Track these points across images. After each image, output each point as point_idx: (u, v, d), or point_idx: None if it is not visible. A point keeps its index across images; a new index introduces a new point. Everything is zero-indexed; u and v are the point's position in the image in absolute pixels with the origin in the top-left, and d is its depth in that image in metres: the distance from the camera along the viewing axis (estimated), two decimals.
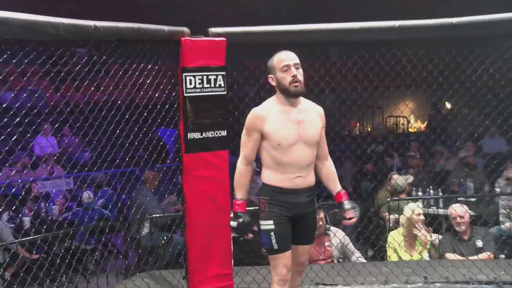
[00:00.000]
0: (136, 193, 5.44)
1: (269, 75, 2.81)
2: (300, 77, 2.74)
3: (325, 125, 2.90)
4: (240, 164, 2.83)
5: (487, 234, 4.68)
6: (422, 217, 4.71)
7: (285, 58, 2.75)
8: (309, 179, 2.82)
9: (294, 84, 2.72)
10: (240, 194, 2.82)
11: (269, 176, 2.81)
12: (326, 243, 4.55)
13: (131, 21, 3.19)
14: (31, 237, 4.50)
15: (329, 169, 2.95)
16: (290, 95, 2.75)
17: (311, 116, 2.81)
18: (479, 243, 4.49)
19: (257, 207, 2.88)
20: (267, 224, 2.77)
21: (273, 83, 2.80)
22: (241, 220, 2.79)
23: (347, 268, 4.06)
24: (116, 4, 10.25)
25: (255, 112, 2.79)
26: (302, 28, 3.68)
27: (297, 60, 2.76)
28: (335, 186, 2.95)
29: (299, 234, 2.84)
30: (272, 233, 2.76)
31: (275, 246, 2.77)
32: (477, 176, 6.87)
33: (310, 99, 2.92)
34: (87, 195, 6.31)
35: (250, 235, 2.91)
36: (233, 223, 2.80)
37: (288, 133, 2.73)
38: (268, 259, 2.84)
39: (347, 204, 2.90)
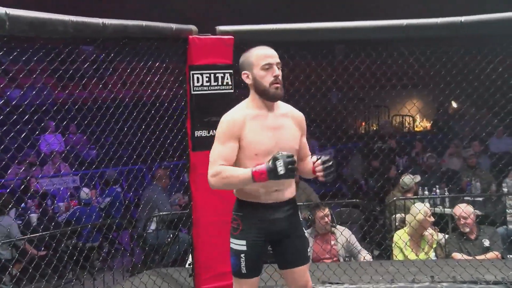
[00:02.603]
0: (146, 190, 5.48)
1: (244, 72, 2.48)
2: (281, 78, 2.43)
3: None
4: (217, 166, 2.39)
5: (494, 233, 4.66)
6: (432, 218, 4.70)
7: (268, 55, 2.43)
8: (289, 192, 2.53)
9: (275, 85, 2.41)
10: (242, 170, 2.39)
11: (244, 191, 2.50)
12: (332, 242, 4.55)
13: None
14: (38, 234, 4.53)
15: (307, 164, 2.60)
16: (268, 98, 2.44)
17: (288, 123, 2.51)
18: (486, 243, 4.47)
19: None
20: (239, 245, 2.49)
21: (248, 82, 2.47)
22: (277, 155, 2.28)
23: (354, 267, 4.05)
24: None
25: (232, 118, 2.45)
26: (310, 26, 3.67)
27: (279, 60, 2.46)
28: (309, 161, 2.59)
29: (289, 255, 2.56)
30: (242, 255, 2.48)
31: (243, 270, 2.48)
32: (484, 175, 6.85)
33: (318, 97, 2.87)
34: (85, 192, 6.33)
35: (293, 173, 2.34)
36: (280, 167, 2.27)
37: (265, 142, 2.42)
38: (232, 280, 2.57)
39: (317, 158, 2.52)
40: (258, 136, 2.44)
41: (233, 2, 11.10)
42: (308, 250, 2.67)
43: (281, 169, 2.28)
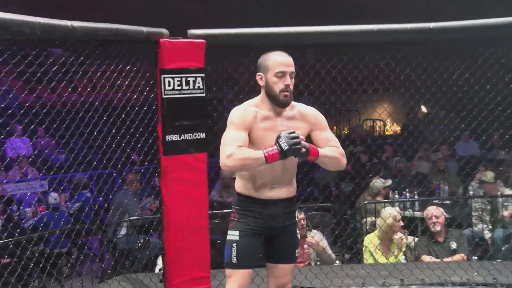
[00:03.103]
0: (116, 194, 5.39)
1: (258, 73, 2.56)
2: (292, 87, 2.52)
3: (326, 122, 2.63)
4: (232, 149, 2.38)
5: (461, 236, 4.77)
6: (401, 222, 4.76)
7: (283, 63, 2.51)
8: (287, 190, 2.59)
9: (284, 94, 2.49)
10: (257, 152, 2.40)
11: (242, 185, 2.59)
12: (305, 246, 4.56)
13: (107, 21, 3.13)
14: (2, 241, 4.40)
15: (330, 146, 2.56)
16: (277, 104, 2.52)
17: (295, 124, 2.55)
18: (454, 245, 4.56)
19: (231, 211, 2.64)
20: (232, 235, 2.55)
21: (261, 83, 2.55)
22: (280, 135, 2.36)
23: (325, 271, 4.07)
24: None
25: (245, 110, 2.51)
26: (281, 30, 3.69)
27: (294, 68, 2.53)
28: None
29: (277, 250, 2.62)
30: (234, 245, 2.54)
31: (234, 260, 2.52)
32: (452, 179, 6.99)
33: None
34: (53, 197, 6.20)
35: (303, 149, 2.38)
36: (283, 143, 2.34)
37: (268, 144, 2.46)
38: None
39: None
40: (264, 137, 2.50)
41: (205, 6, 11.08)
42: (297, 251, 2.69)
43: (284, 145, 2.35)
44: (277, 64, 2.51)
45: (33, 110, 3.31)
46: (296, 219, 2.69)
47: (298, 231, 2.69)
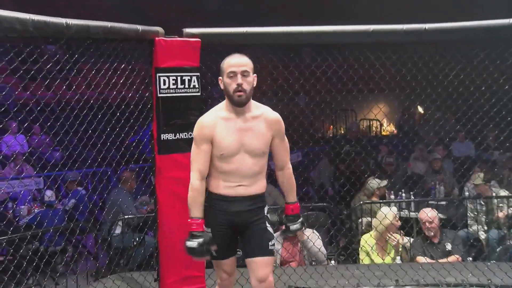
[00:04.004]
0: (111, 193, 5.37)
1: (219, 77, 2.69)
2: (247, 85, 2.61)
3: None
4: (195, 180, 2.67)
5: (456, 237, 4.77)
6: (398, 222, 4.76)
7: (233, 64, 2.62)
8: (253, 188, 2.70)
9: (238, 94, 2.60)
10: (197, 212, 2.66)
11: (211, 183, 2.72)
12: (299, 246, 4.56)
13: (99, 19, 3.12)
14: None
15: (284, 179, 2.83)
16: (233, 104, 2.63)
17: (259, 125, 2.68)
18: (448, 246, 4.57)
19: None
20: (207, 232, 2.70)
21: (221, 86, 2.68)
22: (201, 240, 2.61)
23: (320, 271, 4.07)
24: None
25: (202, 122, 2.68)
26: (277, 30, 3.69)
27: (247, 67, 2.62)
28: (287, 196, 2.85)
29: (248, 245, 2.73)
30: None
31: (214, 253, 2.71)
32: (447, 180, 6.99)
33: (285, 101, 2.89)
34: (47, 196, 6.18)
35: (208, 258, 2.73)
36: (191, 244, 2.62)
37: (231, 143, 2.64)
38: None
39: (285, 220, 2.85)
40: (224, 138, 2.64)
41: (199, 5, 11.05)
42: (271, 244, 2.73)
43: (192, 244, 2.62)
44: (229, 65, 2.63)
45: (28, 107, 3.29)
46: (266, 214, 2.76)
47: (268, 225, 2.75)
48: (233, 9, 10.88)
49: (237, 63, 2.62)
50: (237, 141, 2.64)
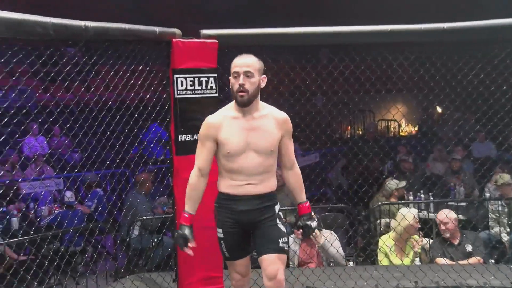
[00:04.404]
0: (126, 196, 5.40)
1: (230, 77, 2.72)
2: (250, 86, 2.62)
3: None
4: (194, 176, 2.75)
5: (476, 238, 4.69)
6: (418, 224, 4.71)
7: (237, 64, 2.65)
8: (261, 187, 2.71)
9: (240, 94, 2.62)
10: (188, 206, 2.76)
11: (220, 183, 2.77)
12: (317, 247, 4.53)
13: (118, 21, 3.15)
14: (19, 239, 4.45)
15: (292, 179, 2.84)
16: (237, 103, 2.67)
17: (267, 124, 2.70)
18: (469, 248, 4.50)
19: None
20: (219, 232, 2.78)
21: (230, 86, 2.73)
22: (180, 231, 2.75)
23: (338, 272, 4.05)
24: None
25: (208, 121, 2.73)
26: (294, 31, 3.67)
27: (250, 68, 2.63)
28: (298, 197, 2.86)
29: (258, 243, 2.73)
30: (222, 241, 2.78)
31: (226, 254, 2.79)
32: (467, 180, 6.90)
33: (302, 101, 2.89)
34: (66, 196, 6.26)
35: (189, 251, 2.80)
36: (176, 234, 2.78)
37: (237, 141, 2.66)
38: None
39: (299, 222, 2.85)
40: (231, 136, 2.67)
41: (214, 6, 11.06)
42: (282, 242, 2.71)
43: (176, 234, 2.77)
44: (233, 65, 2.67)
45: (48, 109, 3.34)
46: (276, 212, 2.75)
47: (279, 222, 2.75)
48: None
49: (240, 63, 2.64)
50: (243, 140, 2.66)
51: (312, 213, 2.90)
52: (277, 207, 2.77)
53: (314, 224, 2.84)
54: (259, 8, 11.14)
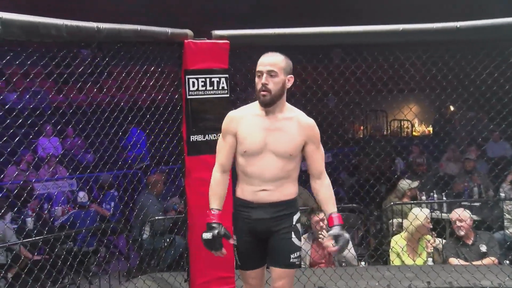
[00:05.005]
0: (138, 198, 5.42)
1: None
2: (273, 86, 2.52)
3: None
4: (216, 172, 2.67)
5: (491, 239, 4.64)
6: (430, 224, 4.67)
7: (260, 63, 2.57)
8: (278, 195, 2.59)
9: (262, 93, 2.53)
10: (215, 204, 2.62)
11: (237, 188, 2.69)
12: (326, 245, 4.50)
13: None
14: (33, 238, 4.50)
15: (321, 189, 2.65)
16: (259, 102, 2.58)
17: (290, 126, 2.58)
18: (483, 248, 4.45)
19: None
20: (234, 239, 2.67)
21: None
22: (216, 231, 2.54)
23: (350, 272, 4.04)
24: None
25: (230, 115, 2.68)
26: (306, 31, 3.67)
27: (274, 67, 2.53)
28: (327, 208, 2.62)
29: (270, 254, 2.64)
30: (235, 249, 2.68)
31: (238, 262, 2.69)
32: (481, 180, 6.83)
33: (314, 101, 2.87)
34: (79, 197, 6.30)
35: (224, 251, 2.61)
36: (207, 235, 2.55)
37: (255, 140, 2.56)
38: None
39: (331, 231, 2.56)
40: (249, 134, 2.58)
41: (228, 6, 11.08)
42: (294, 257, 2.62)
43: (207, 235, 2.56)
44: (258, 64, 2.58)
45: (61, 110, 3.37)
46: (294, 223, 2.63)
47: (294, 236, 2.62)
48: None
49: (264, 62, 2.56)
50: (261, 139, 2.56)
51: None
52: (296, 217, 2.65)
53: (346, 235, 2.57)
54: (271, 9, 11.15)
